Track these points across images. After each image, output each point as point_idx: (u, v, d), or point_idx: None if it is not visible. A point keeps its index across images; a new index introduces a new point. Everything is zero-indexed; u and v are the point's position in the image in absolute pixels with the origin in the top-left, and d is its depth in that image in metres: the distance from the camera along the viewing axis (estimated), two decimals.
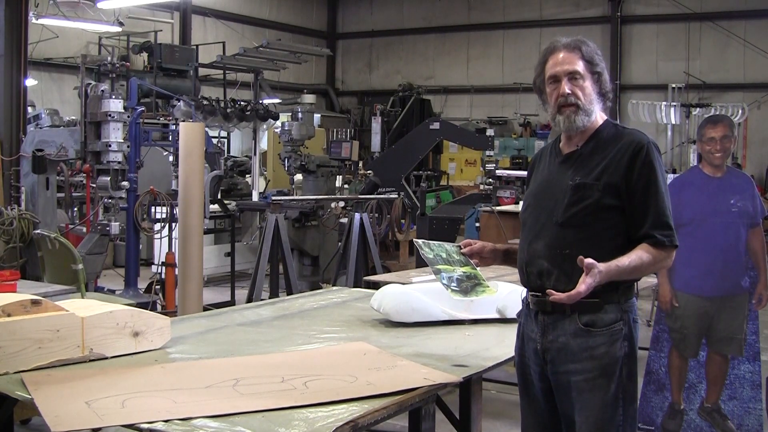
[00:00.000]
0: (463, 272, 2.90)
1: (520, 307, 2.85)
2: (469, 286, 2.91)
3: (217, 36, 18.27)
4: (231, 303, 8.11)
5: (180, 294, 6.03)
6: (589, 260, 2.43)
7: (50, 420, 2.21)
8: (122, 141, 7.44)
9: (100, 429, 2.23)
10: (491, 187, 9.21)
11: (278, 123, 10.40)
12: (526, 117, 18.96)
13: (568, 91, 2.63)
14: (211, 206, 8.88)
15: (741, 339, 4.70)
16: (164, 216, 7.90)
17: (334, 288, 5.28)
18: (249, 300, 6.66)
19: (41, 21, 13.43)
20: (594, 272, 2.43)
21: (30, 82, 10.80)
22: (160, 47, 15.01)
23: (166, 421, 2.20)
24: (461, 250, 2.92)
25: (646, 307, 8.08)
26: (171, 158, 8.75)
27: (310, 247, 8.97)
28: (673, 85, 15.54)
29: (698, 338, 4.75)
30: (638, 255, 2.53)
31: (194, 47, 15.74)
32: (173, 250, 7.53)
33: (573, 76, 2.64)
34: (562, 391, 2.64)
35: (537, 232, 2.68)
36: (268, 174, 12.82)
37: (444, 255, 2.93)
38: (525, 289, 2.77)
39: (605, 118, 2.73)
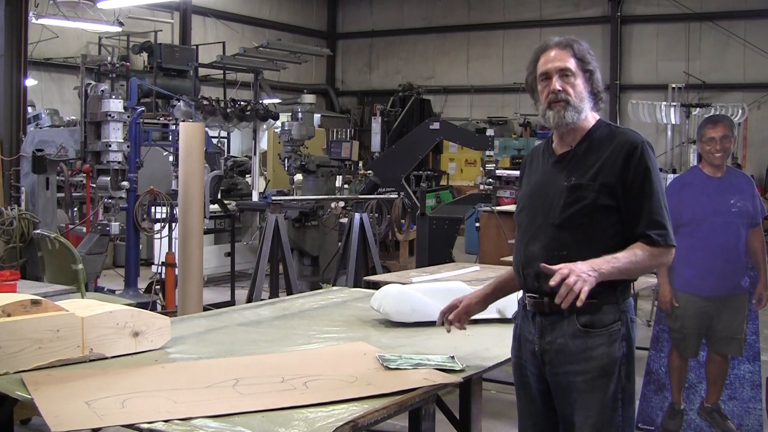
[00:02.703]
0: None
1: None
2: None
3: (217, 36, 18.27)
4: (231, 303, 8.11)
5: (180, 294, 6.03)
6: (551, 266, 2.42)
7: (50, 420, 2.21)
8: (122, 141, 7.44)
9: (100, 429, 2.23)
10: (491, 187, 9.19)
11: (278, 123, 10.40)
12: (526, 117, 18.96)
13: (558, 87, 2.62)
14: (211, 206, 8.88)
15: (741, 339, 4.70)
16: (164, 216, 7.90)
17: (334, 288, 5.28)
18: (249, 300, 6.66)
19: (41, 21, 13.44)
20: (586, 276, 2.39)
21: (30, 82, 10.81)
22: (160, 47, 15.00)
23: (166, 421, 2.20)
24: (447, 326, 2.94)
25: (646, 307, 8.08)
26: (171, 158, 8.75)
27: (310, 247, 8.97)
28: (673, 85, 15.55)
29: (698, 338, 4.75)
30: (631, 251, 2.54)
31: (194, 47, 15.72)
32: (173, 250, 7.53)
33: (564, 73, 2.64)
34: (561, 392, 2.64)
35: (533, 234, 2.68)
36: (268, 174, 12.80)
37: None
38: (521, 291, 2.77)
39: (598, 117, 2.72)
